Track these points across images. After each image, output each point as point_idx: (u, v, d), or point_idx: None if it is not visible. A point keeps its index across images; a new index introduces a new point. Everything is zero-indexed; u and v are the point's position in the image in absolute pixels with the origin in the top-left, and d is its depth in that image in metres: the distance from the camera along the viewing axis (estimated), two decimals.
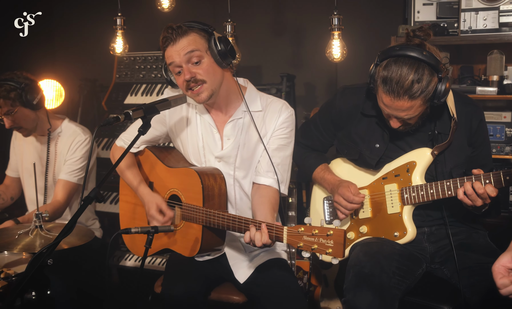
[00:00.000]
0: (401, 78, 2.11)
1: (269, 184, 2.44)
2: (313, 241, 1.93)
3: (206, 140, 2.52)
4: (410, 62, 2.12)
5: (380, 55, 2.22)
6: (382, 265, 2.21)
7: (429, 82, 2.12)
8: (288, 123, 2.48)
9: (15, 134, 3.39)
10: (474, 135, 2.39)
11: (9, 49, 4.16)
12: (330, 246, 1.88)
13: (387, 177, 2.45)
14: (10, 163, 3.46)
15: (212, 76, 2.34)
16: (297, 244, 1.97)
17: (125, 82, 4.00)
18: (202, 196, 2.34)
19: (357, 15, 3.80)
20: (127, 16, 3.49)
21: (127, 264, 3.62)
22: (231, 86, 2.47)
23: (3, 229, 2.78)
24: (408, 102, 2.14)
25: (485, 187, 2.13)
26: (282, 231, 2.03)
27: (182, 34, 2.30)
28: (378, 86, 2.21)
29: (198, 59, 2.30)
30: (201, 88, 2.32)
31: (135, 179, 2.60)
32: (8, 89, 2.98)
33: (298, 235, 1.97)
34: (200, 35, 2.33)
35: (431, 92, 2.14)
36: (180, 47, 2.29)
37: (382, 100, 2.22)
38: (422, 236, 2.41)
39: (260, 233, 2.08)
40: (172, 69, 2.35)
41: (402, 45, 2.18)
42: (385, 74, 2.15)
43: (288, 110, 2.49)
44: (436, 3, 3.27)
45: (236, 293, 2.56)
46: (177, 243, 2.49)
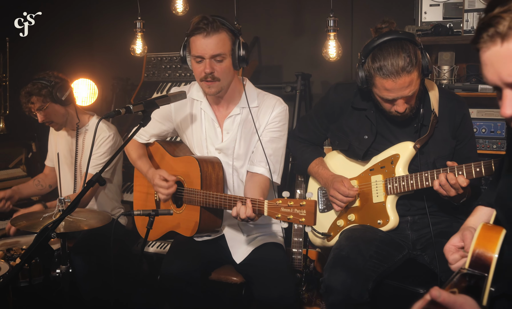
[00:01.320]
0: (393, 59, 2.26)
1: (261, 173, 2.66)
2: (289, 211, 2.14)
3: (208, 133, 2.75)
4: (393, 43, 2.28)
5: (363, 53, 2.37)
6: (360, 249, 2.38)
7: (415, 53, 2.29)
8: (280, 117, 2.67)
9: (51, 128, 3.68)
10: (458, 129, 2.51)
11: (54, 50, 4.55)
12: (303, 215, 2.10)
13: (374, 169, 2.61)
14: (48, 154, 3.75)
15: (227, 75, 2.58)
16: (276, 215, 2.20)
17: (152, 81, 4.27)
18: (201, 180, 2.58)
19: (369, 16, 3.94)
20: (153, 19, 3.76)
21: (149, 250, 3.81)
22: (236, 85, 2.69)
23: (31, 212, 3.11)
24: (408, 77, 2.27)
25: (457, 178, 2.26)
26: (263, 204, 2.25)
27: (215, 30, 2.50)
28: (374, 78, 2.34)
29: (221, 58, 2.53)
30: (214, 83, 2.55)
31: (144, 166, 2.86)
32: (40, 87, 3.25)
33: (276, 206, 2.19)
34: (229, 35, 2.54)
35: (421, 62, 2.30)
36: (210, 44, 2.50)
37: (384, 86, 2.32)
38: (406, 224, 2.56)
39: (244, 207, 2.31)
40: (194, 57, 2.56)
41: (377, 36, 2.34)
42: (378, 64, 2.29)
43: (281, 106, 2.69)
44: (442, 4, 3.38)
45: (234, 274, 2.79)
46: (180, 226, 2.73)
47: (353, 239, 2.46)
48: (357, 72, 2.42)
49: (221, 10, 4.18)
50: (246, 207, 2.32)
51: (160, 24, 4.29)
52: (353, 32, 4.09)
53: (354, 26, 4.10)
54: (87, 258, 3.13)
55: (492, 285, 1.45)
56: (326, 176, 2.74)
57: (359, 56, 2.40)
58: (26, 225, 2.74)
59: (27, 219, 2.80)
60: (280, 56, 4.41)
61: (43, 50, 4.47)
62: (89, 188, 2.15)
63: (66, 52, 4.62)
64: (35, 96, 3.26)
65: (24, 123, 4.23)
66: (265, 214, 2.27)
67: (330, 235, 2.73)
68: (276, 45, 4.40)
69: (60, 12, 4.71)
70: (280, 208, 2.20)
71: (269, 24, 4.41)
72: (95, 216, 2.82)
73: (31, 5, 3.76)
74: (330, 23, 3.09)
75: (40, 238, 2.00)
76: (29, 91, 3.22)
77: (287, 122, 2.72)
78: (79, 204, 3.33)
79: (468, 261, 1.49)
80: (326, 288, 2.35)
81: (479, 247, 1.48)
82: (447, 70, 3.29)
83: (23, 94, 3.24)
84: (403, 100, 2.35)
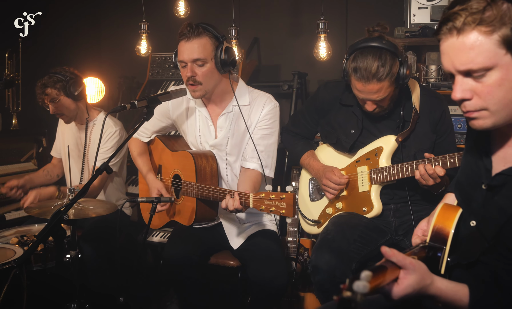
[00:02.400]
0: (368, 65, 2.46)
1: (253, 168, 2.85)
2: (271, 204, 2.34)
3: (202, 130, 2.95)
4: (373, 51, 2.47)
5: (348, 50, 2.58)
6: (344, 233, 2.58)
7: (392, 65, 2.46)
8: (271, 115, 2.86)
9: (60, 121, 3.83)
10: (438, 124, 2.70)
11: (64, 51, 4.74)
12: (283, 207, 2.29)
13: (360, 160, 2.81)
14: (55, 145, 3.92)
15: (209, 79, 2.74)
16: (260, 207, 2.39)
17: (156, 79, 4.42)
18: (195, 174, 2.78)
19: (363, 18, 4.12)
20: (157, 21, 3.95)
21: (154, 240, 3.94)
22: (226, 86, 2.85)
23: (43, 200, 3.33)
24: (377, 84, 2.47)
25: (434, 168, 2.46)
26: (249, 197, 2.45)
27: (196, 35, 2.68)
28: (350, 76, 2.55)
29: (202, 63, 2.70)
30: (196, 87, 2.73)
31: (144, 167, 3.09)
32: (56, 80, 3.43)
33: (260, 199, 2.39)
34: (211, 40, 2.71)
35: (395, 74, 2.48)
36: (190, 48, 2.68)
37: (356, 87, 2.56)
38: (389, 212, 2.76)
39: (232, 200, 2.51)
40: (179, 62, 2.76)
41: (365, 38, 2.53)
42: (355, 65, 2.50)
43: (272, 103, 2.87)
44: (430, 6, 3.55)
45: (231, 258, 3.00)
46: (179, 215, 2.95)
47: (339, 224, 2.67)
48: (343, 64, 2.63)
49: (221, 13, 4.37)
50: (234, 199, 2.52)
51: (164, 26, 4.45)
52: (348, 33, 4.24)
53: (349, 28, 4.26)
54: (95, 245, 3.32)
55: (449, 256, 1.65)
56: (317, 167, 2.94)
57: (346, 52, 2.60)
58: (39, 212, 2.92)
59: (40, 207, 2.99)
60: (278, 56, 4.57)
61: (54, 51, 4.65)
62: (97, 176, 2.35)
63: (76, 53, 4.80)
64: (50, 88, 3.43)
65: (35, 120, 4.44)
66: (251, 206, 2.45)
67: (320, 222, 2.94)
68: (275, 46, 4.56)
69: (70, 15, 4.91)
70: (263, 201, 2.38)
71: (268, 26, 4.57)
72: (102, 205, 3.02)
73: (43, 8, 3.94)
74: (321, 26, 3.30)
75: (54, 220, 2.21)
76: (44, 83, 3.40)
77: (277, 119, 2.89)
78: (90, 194, 3.60)
79: (429, 236, 1.70)
80: (313, 268, 2.55)
81: (438, 224, 1.69)
82: (434, 70, 3.47)
83: (39, 85, 3.42)
84: (371, 102, 2.57)
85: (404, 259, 1.46)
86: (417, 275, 1.46)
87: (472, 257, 1.60)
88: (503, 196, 1.52)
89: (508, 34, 1.36)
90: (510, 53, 1.38)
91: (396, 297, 1.45)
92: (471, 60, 1.41)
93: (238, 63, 3.78)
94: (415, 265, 1.46)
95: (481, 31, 1.38)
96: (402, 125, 2.69)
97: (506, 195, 1.51)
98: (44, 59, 4.45)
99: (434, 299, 1.53)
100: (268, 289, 2.71)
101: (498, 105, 1.43)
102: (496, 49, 1.38)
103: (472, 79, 1.44)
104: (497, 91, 1.42)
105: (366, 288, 1.16)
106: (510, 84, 1.40)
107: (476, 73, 1.42)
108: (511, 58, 1.38)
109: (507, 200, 1.50)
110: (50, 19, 4.47)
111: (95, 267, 3.36)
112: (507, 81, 1.40)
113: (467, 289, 1.51)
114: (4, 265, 2.68)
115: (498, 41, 1.37)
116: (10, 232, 3.25)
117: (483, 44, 1.39)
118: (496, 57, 1.39)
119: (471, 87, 1.45)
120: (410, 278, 1.45)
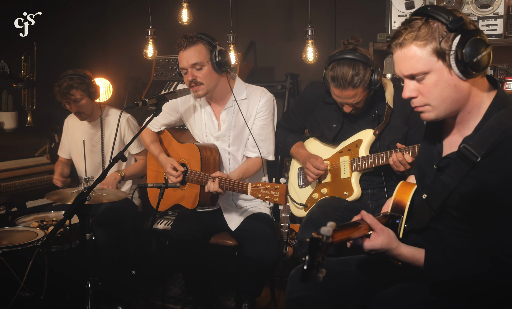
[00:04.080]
0: (344, 74, 2.84)
1: (254, 156, 3.25)
2: (267, 193, 2.72)
3: (207, 124, 3.33)
4: (348, 62, 2.85)
5: (327, 60, 2.95)
6: (327, 213, 2.95)
7: (365, 74, 2.84)
8: (267, 106, 3.25)
9: (67, 121, 4.15)
10: (409, 118, 3.06)
11: (74, 52, 5.01)
12: (277, 196, 2.68)
13: (342, 151, 3.18)
14: (63, 145, 4.20)
15: (209, 80, 3.13)
16: (256, 195, 2.77)
17: (160, 80, 4.71)
18: (201, 163, 3.16)
19: (350, 24, 4.45)
20: (161, 26, 4.24)
21: (158, 227, 4.25)
22: (225, 84, 3.24)
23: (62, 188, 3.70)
24: (352, 91, 2.86)
25: (404, 156, 2.84)
26: (248, 186, 2.83)
27: (191, 44, 3.08)
28: (329, 83, 2.94)
29: (200, 66, 3.09)
30: (199, 88, 3.12)
31: (156, 150, 3.45)
32: (80, 82, 3.75)
33: (257, 188, 2.77)
34: (206, 46, 3.10)
35: (368, 81, 2.86)
36: (188, 55, 3.08)
37: (334, 93, 2.95)
38: (367, 196, 3.13)
39: (213, 184, 2.95)
40: (181, 69, 3.15)
41: (341, 51, 2.91)
42: (332, 74, 2.88)
43: (267, 95, 3.27)
44: (408, 14, 3.89)
45: (229, 238, 3.38)
46: (184, 199, 3.32)
47: (323, 206, 3.04)
48: (323, 72, 2.99)
49: (221, 20, 4.65)
50: (214, 183, 2.95)
51: (167, 31, 4.72)
52: (336, 38, 4.55)
53: (337, 33, 4.56)
54: (106, 230, 3.64)
55: (406, 223, 2.04)
56: (304, 154, 3.31)
57: (326, 61, 2.97)
58: (58, 198, 3.25)
59: (58, 195, 3.32)
60: (273, 59, 4.85)
61: (64, 52, 4.93)
62: (114, 163, 2.68)
63: (84, 54, 5.09)
64: (75, 89, 3.73)
65: (48, 117, 4.72)
66: (249, 193, 2.83)
67: (307, 205, 3.32)
68: (269, 49, 4.85)
69: (80, 22, 5.20)
70: (260, 190, 2.77)
71: (264, 31, 4.86)
72: (114, 192, 3.38)
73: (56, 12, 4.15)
74: (308, 33, 3.69)
75: (79, 200, 2.57)
76: (70, 84, 3.70)
77: (273, 109, 3.30)
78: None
79: (390, 207, 2.08)
80: (299, 242, 2.93)
81: (397, 197, 2.08)
82: None
83: (64, 86, 3.70)
84: (348, 105, 2.95)
85: (376, 224, 1.85)
86: (385, 238, 1.85)
87: (423, 223, 1.98)
88: (447, 175, 1.90)
89: (437, 46, 1.75)
90: (441, 60, 1.77)
91: (366, 249, 1.84)
92: (411, 67, 1.81)
93: (236, 65, 4.16)
94: (384, 230, 1.85)
95: (418, 45, 1.78)
96: (378, 120, 3.07)
97: (449, 174, 1.89)
98: (56, 61, 4.73)
99: (396, 259, 1.92)
100: (261, 263, 3.09)
101: (437, 101, 1.82)
102: (430, 57, 1.77)
103: (416, 82, 1.84)
104: (434, 90, 1.81)
105: (329, 232, 1.54)
106: (444, 84, 1.79)
107: (417, 77, 1.82)
108: (442, 64, 1.77)
109: (449, 178, 1.88)
110: (62, 25, 4.83)
111: (107, 249, 3.67)
112: (441, 81, 1.79)
113: (423, 253, 1.89)
114: (28, 244, 2.98)
115: (430, 51, 1.77)
116: (29, 218, 3.54)
117: (419, 54, 1.78)
118: (430, 64, 1.78)
119: (416, 88, 1.84)
120: (380, 239, 1.84)
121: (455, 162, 1.86)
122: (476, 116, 1.86)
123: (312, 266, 1.50)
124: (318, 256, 1.51)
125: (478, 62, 1.74)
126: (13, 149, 4.31)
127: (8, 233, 3.19)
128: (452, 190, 1.86)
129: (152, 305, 3.89)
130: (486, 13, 3.54)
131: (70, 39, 5.06)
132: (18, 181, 4.19)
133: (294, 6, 4.74)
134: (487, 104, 1.85)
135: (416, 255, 1.90)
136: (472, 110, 1.85)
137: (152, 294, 4.03)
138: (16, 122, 4.49)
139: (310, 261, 1.50)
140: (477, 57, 1.73)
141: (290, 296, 2.15)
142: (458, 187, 1.84)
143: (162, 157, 3.39)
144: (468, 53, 1.73)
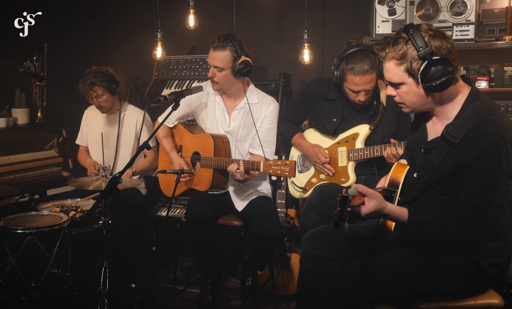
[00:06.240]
0: (361, 63, 3.22)
1: (259, 154, 3.63)
2: (278, 168, 3.11)
3: (219, 119, 3.70)
4: (361, 53, 3.25)
5: (338, 59, 3.31)
6: (325, 199, 3.29)
7: (375, 60, 3.25)
8: (274, 113, 3.66)
9: (87, 113, 4.43)
10: (400, 115, 3.46)
11: (77, 52, 5.22)
12: (287, 171, 3.07)
13: (340, 142, 3.57)
14: (82, 134, 4.46)
15: (225, 81, 3.51)
16: (268, 171, 3.14)
17: (162, 79, 4.94)
18: (214, 149, 3.53)
19: (337, 29, 4.79)
20: (162, 29, 4.49)
21: (163, 214, 4.46)
22: (241, 87, 3.62)
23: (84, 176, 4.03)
24: (370, 76, 3.23)
25: (397, 150, 3.23)
26: (260, 163, 3.20)
27: (221, 47, 3.43)
28: (347, 75, 3.26)
29: (220, 69, 3.46)
30: (215, 85, 3.52)
31: (168, 145, 3.82)
32: (101, 79, 4.04)
33: (269, 165, 3.15)
34: (232, 53, 3.44)
35: (378, 67, 3.23)
36: (214, 56, 3.45)
37: (354, 82, 3.24)
38: (360, 181, 3.51)
39: (237, 165, 3.28)
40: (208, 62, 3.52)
41: (349, 47, 3.28)
42: (350, 66, 3.24)
43: (275, 104, 3.67)
44: (391, 20, 4.25)
45: (236, 219, 3.73)
46: (197, 183, 3.68)
47: (321, 193, 3.39)
48: (333, 72, 3.34)
49: (221, 22, 4.96)
50: (239, 164, 3.28)
51: (168, 33, 4.87)
52: (324, 42, 4.87)
53: (325, 37, 4.88)
54: (120, 215, 3.90)
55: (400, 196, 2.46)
56: (306, 145, 3.68)
57: (336, 60, 3.33)
58: (79, 185, 3.60)
59: (80, 182, 3.66)
60: (266, 59, 5.07)
61: (68, 52, 5.16)
62: (140, 151, 2.99)
63: (87, 54, 5.32)
64: (97, 86, 4.03)
65: (57, 113, 4.96)
66: (261, 170, 3.21)
67: (306, 189, 3.70)
68: (263, 50, 5.03)
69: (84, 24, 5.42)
70: (271, 166, 3.16)
71: (258, 33, 5.10)
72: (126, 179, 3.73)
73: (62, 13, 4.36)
74: (305, 37, 4.11)
75: (112, 182, 2.89)
76: (93, 81, 4.00)
77: (278, 116, 3.70)
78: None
79: (387, 183, 2.50)
80: (302, 227, 3.28)
81: (393, 175, 2.50)
82: None
83: (88, 83, 4.00)
84: (364, 92, 3.31)
85: (367, 190, 2.25)
86: (376, 201, 2.23)
87: (414, 195, 2.42)
88: (432, 154, 2.33)
89: (408, 66, 2.21)
90: (411, 77, 2.23)
91: (363, 214, 2.24)
92: (389, 77, 2.30)
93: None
94: (374, 194, 2.25)
95: (395, 62, 2.25)
96: (373, 117, 3.45)
97: (434, 154, 2.33)
98: (62, 60, 4.99)
99: (387, 216, 2.31)
100: (266, 239, 3.47)
101: (409, 103, 2.33)
102: (403, 74, 2.25)
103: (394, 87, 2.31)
104: (406, 96, 2.31)
105: (354, 192, 2.00)
106: (413, 93, 2.28)
107: (394, 84, 2.30)
108: (412, 80, 2.24)
109: (434, 157, 2.32)
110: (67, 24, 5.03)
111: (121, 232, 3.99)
112: (411, 92, 2.28)
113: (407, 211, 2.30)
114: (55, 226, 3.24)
115: (403, 69, 2.24)
116: (48, 205, 3.77)
117: (395, 70, 2.26)
118: (403, 78, 2.26)
119: (394, 90, 2.33)
120: (372, 202, 2.23)
121: (439, 144, 2.31)
122: (455, 108, 2.31)
123: (341, 218, 1.92)
124: (346, 210, 1.92)
125: (439, 84, 2.18)
126: (26, 143, 4.54)
127: (35, 217, 3.44)
128: (437, 166, 2.30)
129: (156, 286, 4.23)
130: (459, 20, 3.97)
131: (75, 39, 5.27)
132: (31, 172, 4.42)
133: (286, 11, 5.04)
134: (463, 98, 2.30)
135: (402, 212, 2.29)
136: (449, 104, 2.30)
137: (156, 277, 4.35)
138: (28, 118, 4.71)
139: (340, 213, 1.94)
140: (437, 81, 2.17)
141: (304, 255, 2.54)
142: (441, 164, 2.29)
143: (173, 154, 3.76)
144: (430, 78, 2.18)
